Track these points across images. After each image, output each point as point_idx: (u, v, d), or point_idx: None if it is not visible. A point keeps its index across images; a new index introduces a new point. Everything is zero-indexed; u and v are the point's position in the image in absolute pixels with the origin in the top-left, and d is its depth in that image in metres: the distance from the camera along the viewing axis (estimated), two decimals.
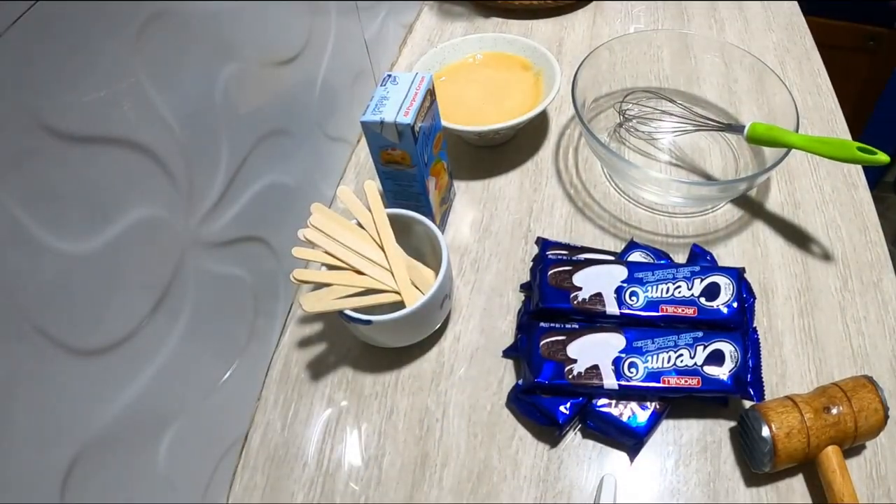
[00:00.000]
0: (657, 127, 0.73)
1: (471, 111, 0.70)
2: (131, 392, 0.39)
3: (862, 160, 0.53)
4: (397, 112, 0.53)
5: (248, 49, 0.50)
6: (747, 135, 0.61)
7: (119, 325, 0.37)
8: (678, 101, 0.73)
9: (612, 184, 0.69)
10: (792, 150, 0.58)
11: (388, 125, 0.53)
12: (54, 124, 0.31)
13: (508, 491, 0.50)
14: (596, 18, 0.90)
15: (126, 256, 0.37)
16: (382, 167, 0.58)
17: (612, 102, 0.75)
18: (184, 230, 0.43)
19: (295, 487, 0.51)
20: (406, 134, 0.53)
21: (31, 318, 0.31)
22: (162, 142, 0.40)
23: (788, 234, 0.63)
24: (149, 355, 0.40)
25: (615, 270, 0.55)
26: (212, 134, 0.46)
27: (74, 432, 0.34)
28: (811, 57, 0.81)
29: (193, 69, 0.43)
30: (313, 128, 0.64)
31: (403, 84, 0.56)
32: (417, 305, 0.50)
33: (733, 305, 0.52)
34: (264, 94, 0.53)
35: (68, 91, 0.32)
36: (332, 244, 0.53)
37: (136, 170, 0.38)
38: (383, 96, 0.55)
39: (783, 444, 0.45)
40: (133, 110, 0.37)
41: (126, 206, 0.37)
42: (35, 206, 0.31)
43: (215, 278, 0.47)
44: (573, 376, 0.50)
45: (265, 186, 0.54)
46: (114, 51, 0.35)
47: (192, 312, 0.44)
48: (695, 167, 0.70)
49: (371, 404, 0.55)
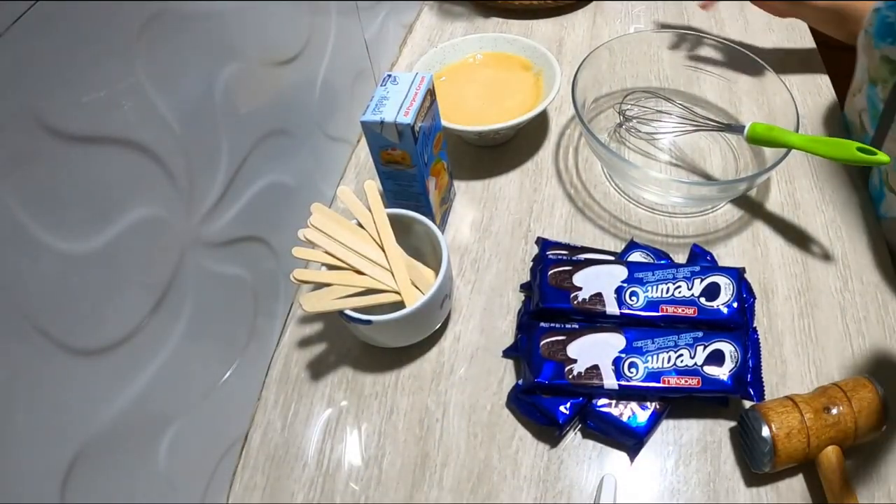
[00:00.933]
0: (657, 127, 0.73)
1: (471, 111, 0.70)
2: (131, 392, 0.39)
3: (861, 160, 0.53)
4: (397, 112, 0.53)
5: (248, 49, 0.50)
6: (747, 135, 0.61)
7: (119, 325, 0.37)
8: (678, 101, 0.73)
9: (612, 184, 0.69)
10: (792, 150, 0.58)
11: (388, 125, 0.53)
12: (54, 124, 0.31)
13: (508, 491, 0.50)
14: (596, 18, 0.90)
15: (126, 256, 0.37)
16: (382, 167, 0.58)
17: (612, 102, 0.75)
18: (184, 230, 0.43)
19: (295, 487, 0.51)
20: (406, 134, 0.53)
21: (31, 318, 0.31)
22: (162, 142, 0.40)
23: (788, 234, 0.63)
24: (149, 355, 0.40)
25: (615, 270, 0.55)
26: (212, 134, 0.46)
27: (74, 432, 0.34)
28: (811, 57, 0.81)
29: (193, 69, 0.43)
30: (313, 128, 0.64)
31: (403, 84, 0.55)
32: (417, 305, 0.50)
33: (733, 305, 0.52)
34: (264, 94, 0.53)
35: (68, 91, 0.32)
36: (332, 244, 0.53)
37: (137, 170, 0.38)
38: (383, 96, 0.55)
39: (783, 444, 0.45)
40: (133, 110, 0.37)
41: (126, 206, 0.37)
42: (35, 206, 0.31)
43: (215, 278, 0.47)
44: (573, 376, 0.50)
45: (265, 186, 0.54)
46: (114, 51, 0.35)
47: (192, 312, 0.44)
48: (695, 167, 0.70)
49: (371, 404, 0.55)
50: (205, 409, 0.47)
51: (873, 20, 0.63)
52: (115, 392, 0.37)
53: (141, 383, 0.39)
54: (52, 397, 0.33)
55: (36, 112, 0.30)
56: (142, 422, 0.40)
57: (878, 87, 0.62)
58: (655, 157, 0.71)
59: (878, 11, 0.62)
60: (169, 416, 0.43)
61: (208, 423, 0.48)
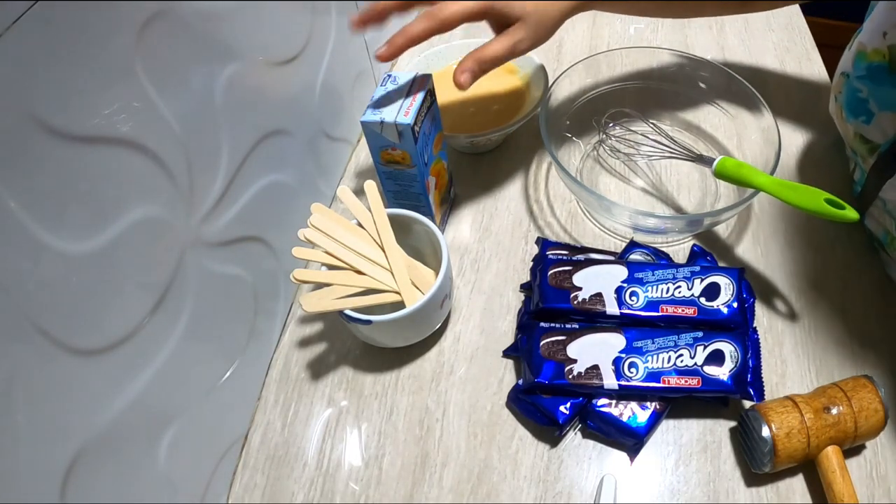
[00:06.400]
0: (637, 148, 0.68)
1: (458, 118, 0.69)
2: (131, 392, 0.39)
3: (828, 214, 0.48)
4: (397, 112, 0.53)
5: (248, 49, 0.50)
6: (715, 170, 0.58)
7: (119, 325, 0.37)
8: (657, 123, 0.68)
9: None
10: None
11: (388, 125, 0.52)
12: (54, 124, 0.31)
13: (508, 491, 0.50)
14: (596, 19, 0.90)
15: (126, 256, 0.37)
16: (382, 167, 0.57)
17: (595, 116, 0.71)
18: (184, 230, 0.43)
19: (295, 487, 0.51)
20: (406, 134, 0.53)
21: (31, 318, 0.31)
22: (162, 142, 0.40)
23: (788, 234, 0.63)
24: (149, 355, 0.40)
25: (615, 270, 0.55)
26: (212, 134, 0.46)
27: (74, 432, 0.34)
28: (811, 57, 0.81)
29: (193, 69, 0.43)
30: (313, 128, 0.64)
31: (404, 84, 0.55)
32: (417, 305, 0.50)
33: (733, 305, 0.52)
34: (264, 95, 0.53)
35: (68, 91, 0.32)
36: (332, 244, 0.53)
37: (136, 170, 0.38)
38: (383, 96, 0.55)
39: (783, 444, 0.45)
40: (133, 110, 0.37)
41: (126, 206, 0.37)
42: (35, 206, 0.31)
43: (215, 278, 0.47)
44: (573, 376, 0.50)
45: (265, 186, 0.54)
46: (114, 51, 0.35)
47: (192, 312, 0.44)
48: (667, 196, 0.67)
49: (371, 404, 0.55)
50: (205, 409, 0.47)
51: (843, 89, 0.57)
52: (115, 392, 0.37)
53: (141, 383, 0.39)
54: (52, 397, 0.33)
55: (36, 112, 0.30)
56: (142, 422, 0.40)
57: (858, 158, 0.58)
58: (629, 181, 0.69)
59: (846, 79, 0.56)
60: (169, 416, 0.43)
61: (208, 423, 0.48)
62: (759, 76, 0.78)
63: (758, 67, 0.80)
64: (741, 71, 0.68)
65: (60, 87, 0.32)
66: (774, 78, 0.78)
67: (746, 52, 0.82)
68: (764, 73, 0.79)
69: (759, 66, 0.80)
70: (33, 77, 0.30)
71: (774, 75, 0.79)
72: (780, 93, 0.76)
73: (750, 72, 0.79)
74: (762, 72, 0.79)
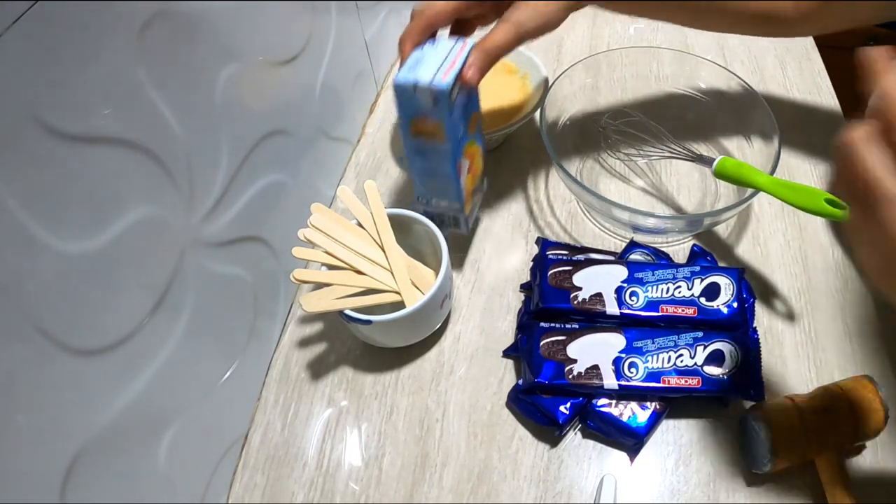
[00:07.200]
0: (636, 148, 0.68)
1: None
2: (131, 392, 0.39)
3: (828, 213, 0.48)
4: (434, 75, 0.46)
5: (248, 49, 0.50)
6: (715, 169, 0.57)
7: (119, 325, 0.37)
8: (659, 123, 0.67)
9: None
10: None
11: (422, 88, 0.46)
12: (54, 124, 0.31)
13: (508, 491, 0.50)
14: (596, 19, 0.90)
15: (126, 256, 0.37)
16: (412, 140, 0.50)
17: (595, 116, 0.71)
18: (184, 230, 0.43)
19: (295, 487, 0.51)
20: (442, 101, 0.46)
21: (31, 318, 0.31)
22: (162, 142, 0.40)
23: (788, 234, 0.63)
24: (149, 355, 0.40)
25: (615, 270, 0.55)
26: (212, 134, 0.46)
27: (74, 432, 0.34)
28: (811, 57, 0.81)
29: (193, 69, 0.43)
30: (313, 128, 0.64)
31: (443, 47, 0.49)
32: (417, 305, 0.50)
33: (733, 305, 0.52)
34: (264, 95, 0.53)
35: (68, 91, 0.32)
36: (332, 244, 0.53)
37: (136, 170, 0.38)
38: (419, 58, 0.48)
39: (783, 445, 0.45)
40: (133, 110, 0.37)
41: (126, 206, 0.37)
42: (35, 206, 0.31)
43: (215, 278, 0.47)
44: (573, 376, 0.50)
45: (265, 186, 0.54)
46: (114, 51, 0.35)
47: (193, 312, 0.44)
48: (667, 196, 0.67)
49: (371, 404, 0.55)
50: (205, 409, 0.47)
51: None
52: (115, 392, 0.37)
53: (141, 383, 0.39)
54: (52, 397, 0.33)
55: (36, 112, 0.30)
56: (142, 421, 0.40)
57: None
58: (629, 181, 0.69)
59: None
60: (169, 416, 0.43)
61: (208, 423, 0.48)
62: (759, 76, 0.79)
63: (758, 67, 0.80)
64: (741, 71, 0.68)
65: (60, 87, 0.32)
66: (774, 78, 0.78)
67: (746, 51, 0.82)
68: (764, 72, 0.79)
69: (759, 65, 0.80)
70: (33, 77, 0.30)
71: (774, 75, 0.79)
72: (780, 93, 0.76)
73: (750, 71, 0.79)
74: (762, 71, 0.79)
